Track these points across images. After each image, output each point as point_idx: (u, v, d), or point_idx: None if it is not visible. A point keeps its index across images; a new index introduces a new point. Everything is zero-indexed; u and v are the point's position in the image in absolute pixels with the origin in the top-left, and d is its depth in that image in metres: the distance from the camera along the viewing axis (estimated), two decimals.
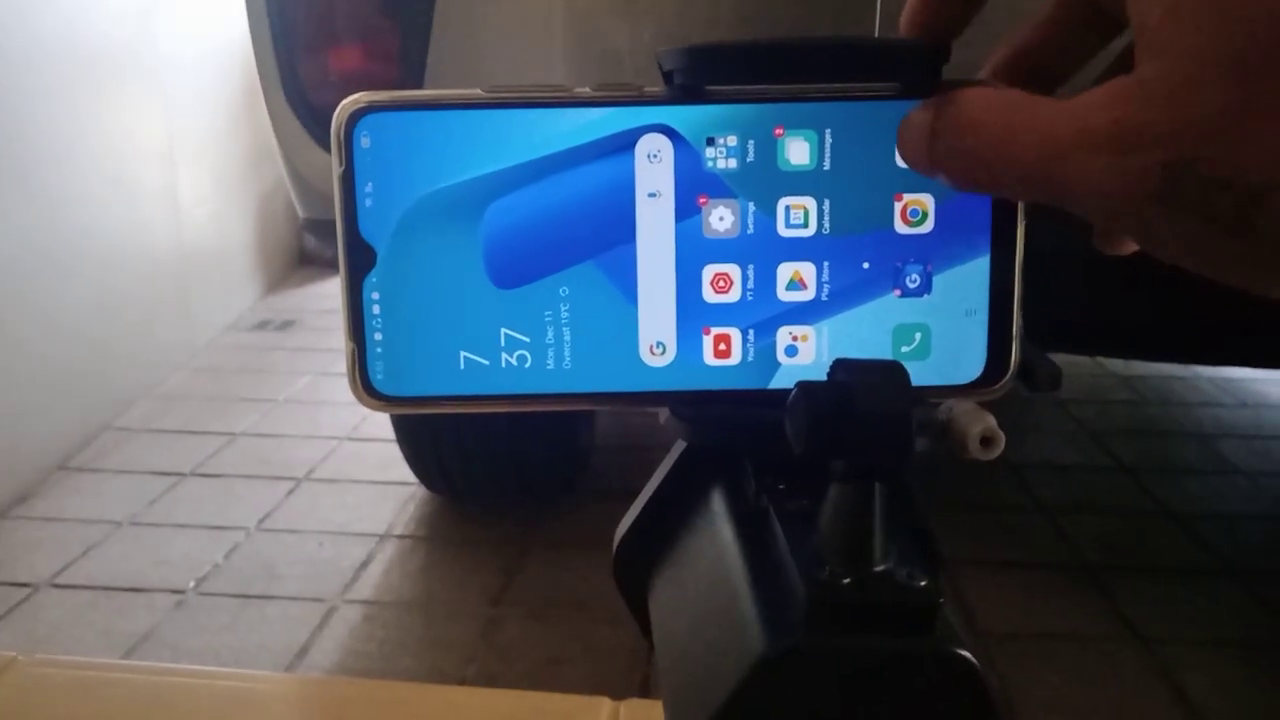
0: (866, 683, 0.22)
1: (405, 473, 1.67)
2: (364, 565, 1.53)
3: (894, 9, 0.76)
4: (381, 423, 1.79)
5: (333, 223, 0.26)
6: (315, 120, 0.92)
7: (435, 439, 1.53)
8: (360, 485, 1.79)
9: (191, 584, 1.47)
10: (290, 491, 1.76)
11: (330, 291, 2.87)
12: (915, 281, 0.26)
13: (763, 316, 0.26)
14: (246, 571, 1.50)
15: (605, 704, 0.47)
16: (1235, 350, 1.27)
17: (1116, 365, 2.52)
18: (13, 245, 1.74)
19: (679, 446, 0.29)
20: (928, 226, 0.26)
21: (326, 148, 0.95)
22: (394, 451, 1.63)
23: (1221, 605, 1.49)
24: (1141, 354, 1.62)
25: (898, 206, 0.26)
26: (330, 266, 3.00)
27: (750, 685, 0.21)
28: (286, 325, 2.74)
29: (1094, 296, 0.94)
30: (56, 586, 1.46)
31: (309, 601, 1.43)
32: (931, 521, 0.27)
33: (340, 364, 2.15)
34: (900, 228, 0.26)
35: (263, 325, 2.75)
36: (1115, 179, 0.20)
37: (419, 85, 0.87)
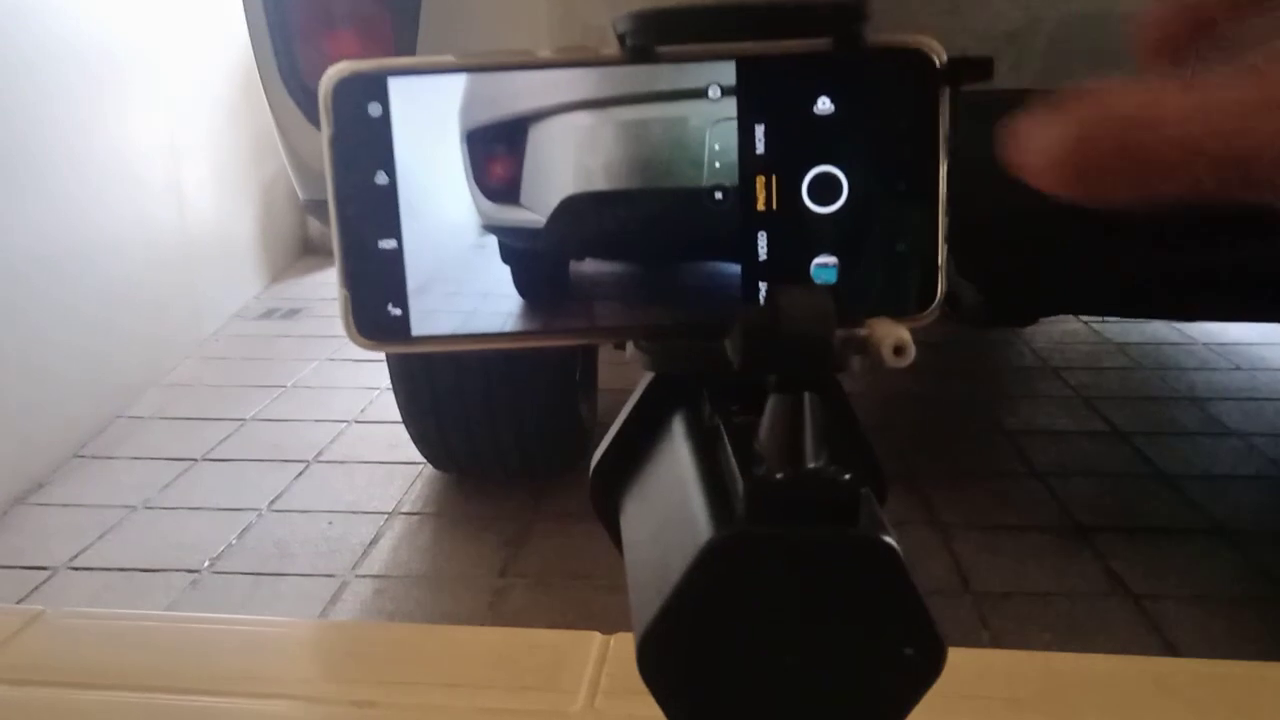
0: (800, 568, 0.25)
1: (412, 452, 1.70)
2: (373, 542, 1.57)
3: None
4: (389, 404, 1.82)
5: None
6: (312, 104, 0.94)
7: (440, 418, 1.56)
8: (368, 465, 1.82)
9: (206, 564, 1.51)
10: (300, 473, 1.80)
11: (334, 279, 2.90)
12: (842, 219, 0.29)
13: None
14: (259, 551, 1.54)
15: (596, 637, 0.50)
16: (1219, 305, 1.30)
17: (1112, 332, 2.55)
18: (25, 241, 1.78)
19: (646, 378, 0.33)
20: (846, 189, 0.29)
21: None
22: (400, 432, 1.67)
23: (1211, 563, 1.52)
24: (1131, 312, 1.64)
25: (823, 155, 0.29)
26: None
27: (697, 570, 0.24)
28: (292, 313, 2.78)
29: (1083, 255, 0.97)
30: (74, 569, 1.50)
31: (321, 578, 1.47)
32: (865, 432, 0.30)
33: (345, 349, 2.19)
34: (827, 176, 0.29)
35: (269, 313, 2.78)
36: None
37: None
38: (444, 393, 1.51)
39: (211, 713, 0.47)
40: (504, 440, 1.61)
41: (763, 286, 0.30)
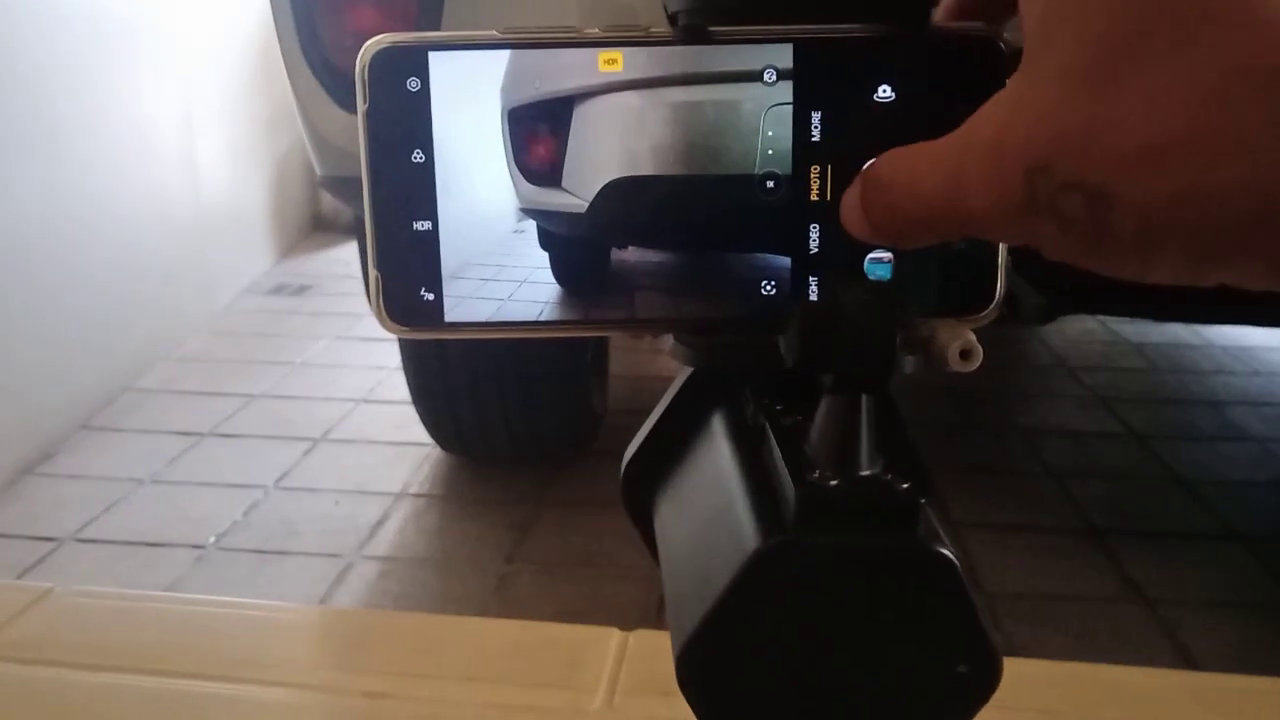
0: (853, 578, 0.23)
1: (420, 433, 1.69)
2: (380, 523, 1.56)
3: None
4: (398, 385, 1.81)
5: (348, 179, 0.28)
6: (333, 79, 0.94)
7: (451, 400, 1.55)
8: (376, 445, 1.81)
9: (212, 539, 1.50)
10: (308, 451, 1.79)
11: (345, 257, 2.89)
12: None
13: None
14: (265, 528, 1.54)
15: (615, 634, 0.49)
16: (1237, 309, 1.28)
17: (1129, 332, 2.53)
18: (37, 208, 1.77)
19: (683, 373, 0.31)
20: None
21: (344, 106, 0.97)
22: (410, 413, 1.66)
23: (1226, 569, 1.50)
24: (1147, 314, 1.62)
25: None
26: (345, 232, 3.02)
27: (744, 579, 0.23)
28: (303, 290, 2.77)
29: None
30: (81, 541, 1.50)
31: (326, 557, 1.46)
32: (914, 438, 0.28)
33: (354, 328, 2.18)
34: None
35: (279, 289, 2.77)
36: (992, 189, 0.22)
37: None
38: (454, 374, 1.50)
39: (221, 699, 0.46)
40: (514, 424, 1.60)
41: (813, 281, 0.28)
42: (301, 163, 3.12)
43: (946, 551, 0.23)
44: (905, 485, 0.23)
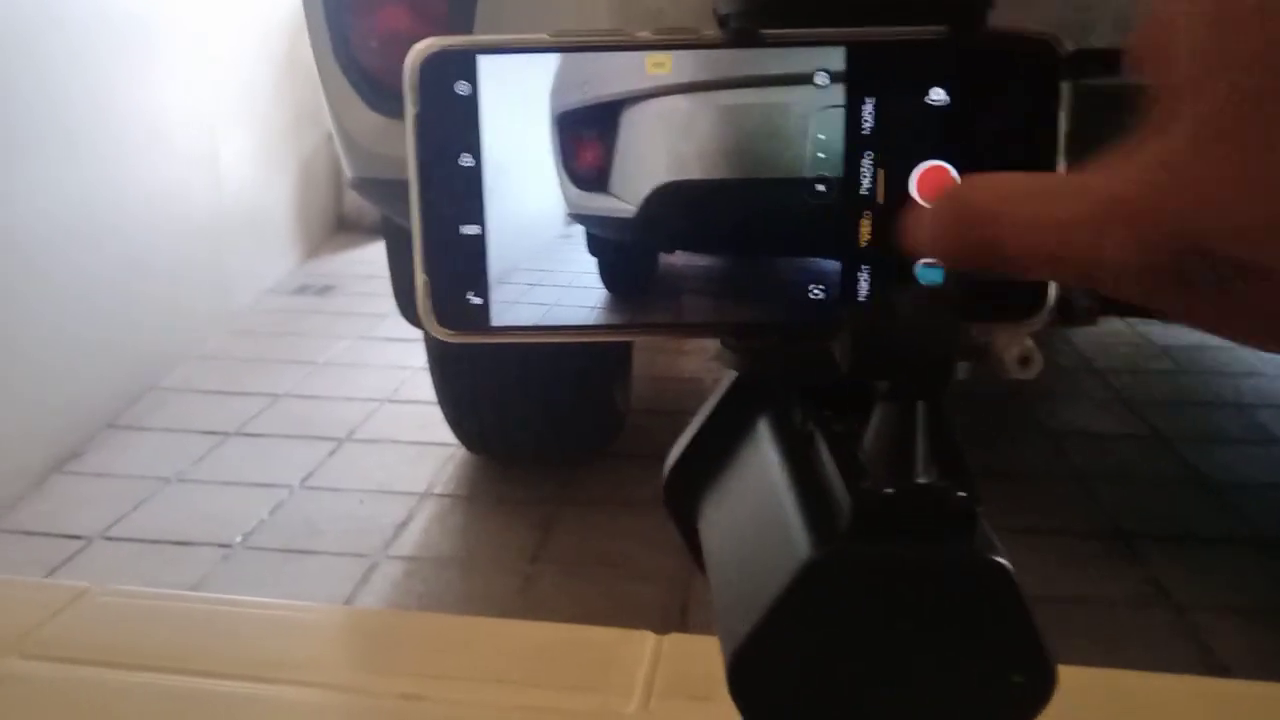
0: (908, 587, 0.23)
1: (444, 433, 1.69)
2: (404, 523, 1.56)
3: None
4: (422, 384, 1.82)
5: (378, 181, 0.28)
6: (364, 80, 0.94)
7: (475, 401, 1.56)
8: (400, 445, 1.82)
9: (238, 538, 1.51)
10: (332, 451, 1.80)
11: (369, 257, 2.90)
12: None
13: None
14: (290, 528, 1.54)
15: (650, 637, 0.49)
16: None
17: (1156, 334, 2.50)
18: (60, 208, 1.78)
19: (728, 377, 0.31)
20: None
21: (374, 107, 0.97)
22: (434, 413, 1.66)
23: (1252, 573, 1.49)
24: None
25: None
26: (370, 233, 3.03)
27: (797, 588, 0.23)
28: (326, 290, 2.78)
29: None
30: (108, 539, 1.51)
31: (351, 557, 1.47)
32: (963, 446, 0.28)
33: (378, 328, 2.19)
34: (937, 170, 0.27)
35: (302, 289, 2.79)
36: (1133, 254, 0.20)
37: None
38: (479, 374, 1.50)
39: (257, 700, 0.46)
40: (537, 424, 1.60)
41: (864, 285, 0.28)
42: (326, 164, 3.14)
43: (1003, 561, 0.23)
44: (961, 494, 0.23)
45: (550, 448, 1.65)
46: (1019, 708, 0.24)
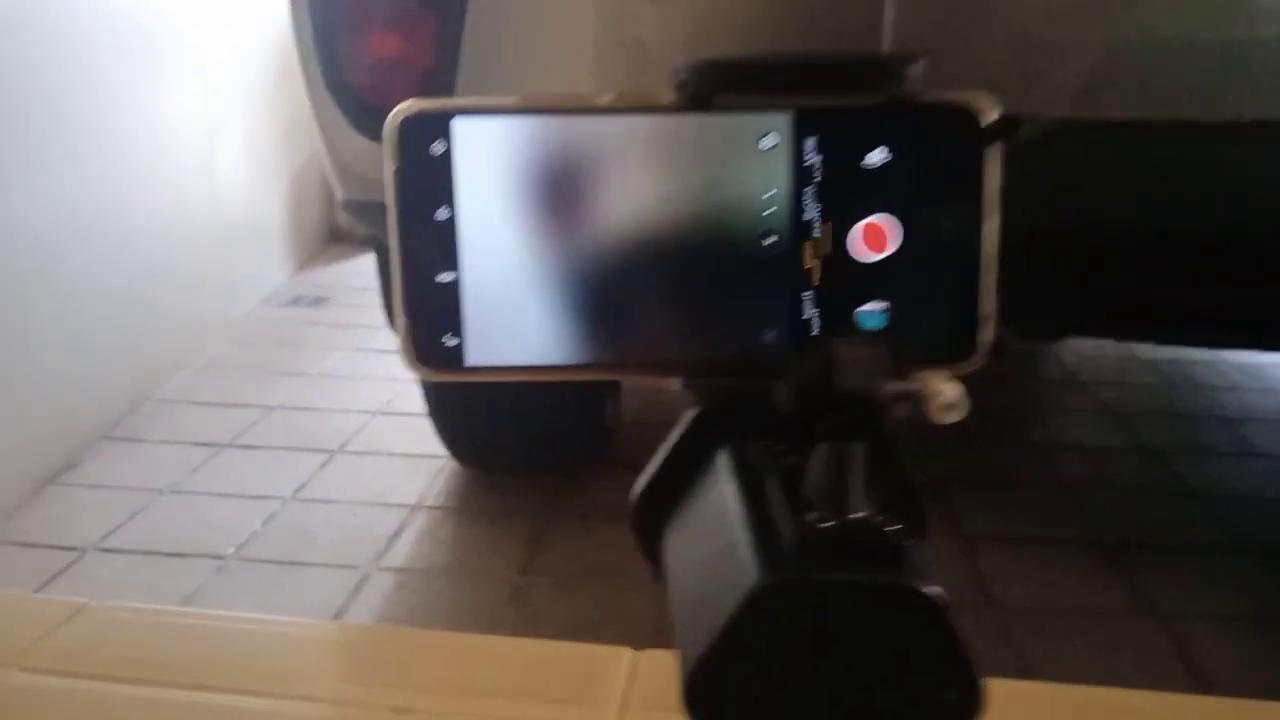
0: (845, 612, 0.25)
1: (436, 446, 1.71)
2: (396, 534, 1.58)
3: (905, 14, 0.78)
4: (413, 397, 1.84)
5: (368, 204, 0.30)
6: (354, 105, 0.96)
7: (467, 413, 1.58)
8: (393, 457, 1.84)
9: (232, 549, 1.53)
10: (325, 463, 1.81)
11: (362, 269, 2.92)
12: (891, 268, 0.30)
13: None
14: (284, 539, 1.56)
15: (626, 653, 0.51)
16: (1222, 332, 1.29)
17: (1143, 349, 2.53)
18: (60, 218, 1.80)
19: (690, 413, 0.33)
20: (896, 238, 0.30)
21: (364, 132, 0.99)
22: (425, 425, 1.68)
23: (1237, 582, 1.51)
24: (1130, 336, 1.64)
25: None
26: (362, 245, 3.05)
27: (746, 612, 0.25)
28: (319, 301, 2.80)
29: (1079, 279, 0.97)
30: (103, 550, 1.53)
31: (344, 568, 1.48)
32: (917, 478, 0.30)
33: (371, 340, 2.21)
34: (876, 226, 0.30)
35: (296, 300, 2.80)
36: None
37: (455, 66, 0.91)
38: (471, 389, 1.52)
39: (250, 713, 0.48)
40: (528, 437, 1.62)
41: (809, 331, 0.30)
42: (319, 176, 3.16)
43: (933, 589, 0.25)
44: (894, 528, 0.25)
45: (541, 461, 1.67)
46: None
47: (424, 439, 1.77)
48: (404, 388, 2.08)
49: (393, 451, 1.86)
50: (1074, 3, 0.77)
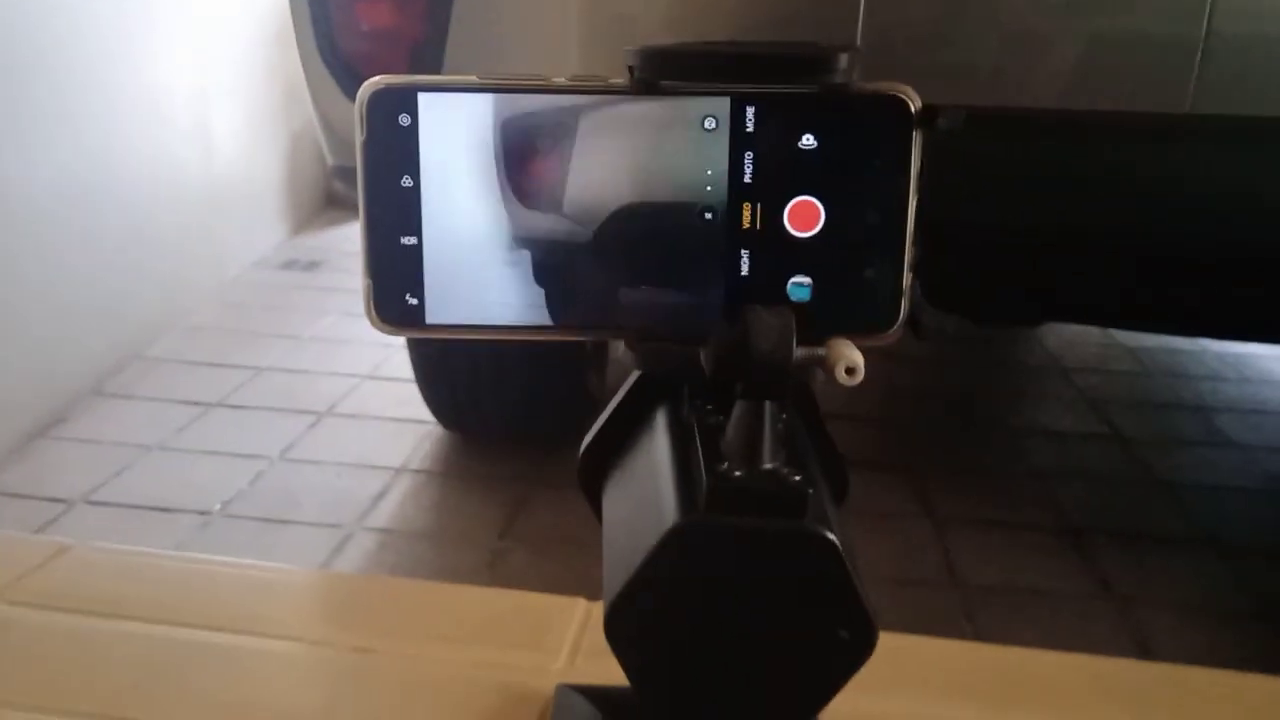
0: (750, 553, 0.28)
1: (422, 411, 1.74)
2: (380, 496, 1.61)
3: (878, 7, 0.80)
4: (401, 362, 1.86)
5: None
6: (345, 73, 0.98)
7: (451, 380, 1.60)
8: (379, 421, 1.86)
9: (217, 506, 1.55)
10: (312, 425, 1.84)
11: (355, 233, 2.93)
12: (818, 244, 0.32)
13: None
14: (269, 497, 1.59)
15: (581, 603, 0.54)
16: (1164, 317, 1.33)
17: (1124, 335, 2.56)
18: (50, 174, 1.81)
19: (633, 375, 0.36)
20: (823, 217, 0.32)
21: (354, 98, 1.01)
22: (412, 390, 1.71)
23: (1200, 573, 1.54)
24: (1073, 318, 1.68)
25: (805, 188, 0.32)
26: (355, 208, 3.06)
27: (661, 551, 0.28)
28: (313, 265, 2.81)
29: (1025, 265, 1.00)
30: (90, 504, 1.55)
31: (327, 528, 1.51)
32: (829, 436, 0.33)
33: (362, 305, 2.23)
34: (806, 205, 0.32)
35: (290, 264, 2.82)
36: None
37: (443, 38, 0.93)
38: (457, 355, 1.54)
39: (221, 649, 0.51)
40: (513, 405, 1.65)
41: (747, 298, 0.33)
42: (315, 141, 3.16)
43: (827, 534, 0.27)
44: (797, 478, 0.28)
45: (524, 427, 1.70)
46: (846, 657, 0.29)
47: (410, 404, 1.79)
48: (393, 354, 2.10)
49: (379, 415, 1.89)
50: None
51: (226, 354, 2.14)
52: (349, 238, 3.03)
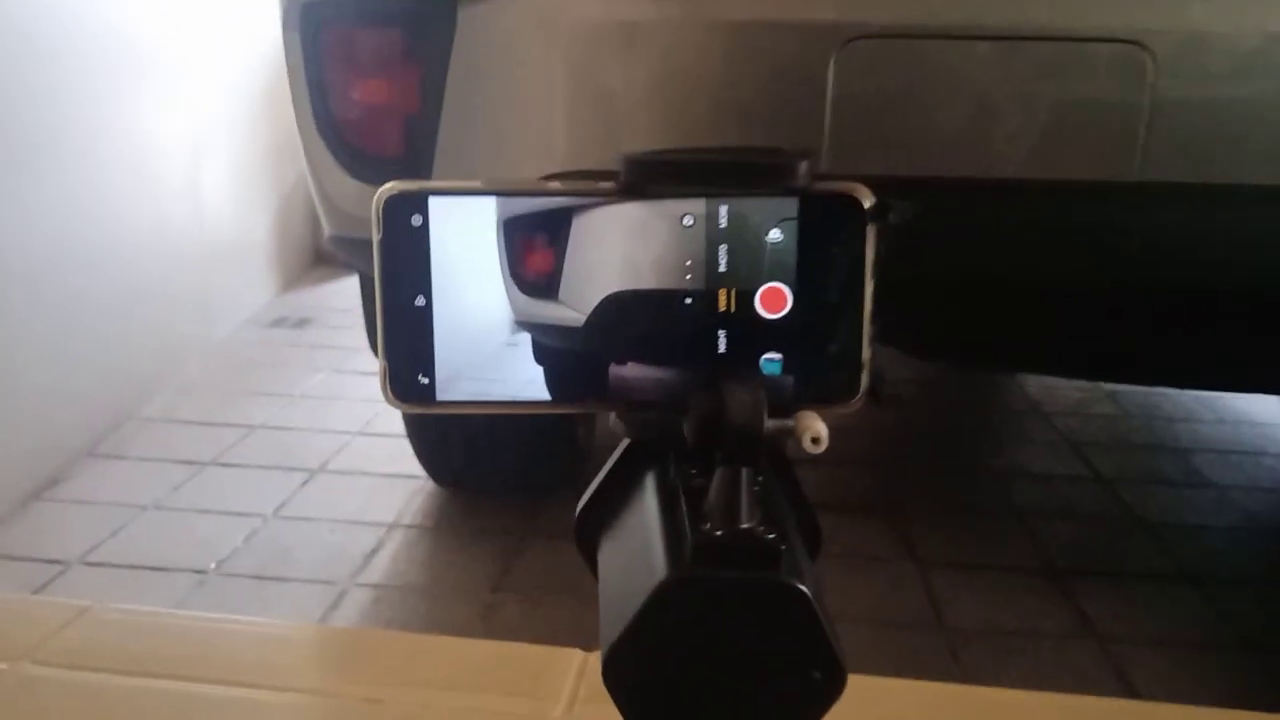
0: (731, 603, 0.32)
1: (413, 466, 1.77)
2: (373, 552, 1.63)
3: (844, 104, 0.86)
4: (392, 418, 1.89)
5: (353, 239, 0.37)
6: (344, 149, 1.02)
7: (443, 435, 1.63)
8: (371, 477, 1.89)
9: (213, 565, 1.57)
10: (305, 482, 1.86)
11: (346, 291, 2.97)
12: (787, 325, 0.37)
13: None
14: (264, 555, 1.61)
15: (577, 654, 0.57)
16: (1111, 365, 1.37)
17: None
18: (44, 233, 1.83)
19: (624, 442, 0.40)
20: (790, 301, 0.36)
21: (353, 174, 1.06)
22: (404, 446, 1.74)
23: (1178, 609, 1.58)
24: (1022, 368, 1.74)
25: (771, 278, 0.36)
26: (345, 268, 3.10)
27: (653, 602, 0.31)
28: (302, 323, 2.85)
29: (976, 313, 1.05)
30: (87, 564, 1.57)
31: (322, 584, 1.53)
32: (805, 495, 0.37)
33: (352, 361, 2.25)
34: (775, 290, 0.36)
35: (279, 322, 2.85)
36: None
37: (438, 112, 0.98)
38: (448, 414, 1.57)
39: (239, 703, 0.54)
40: (503, 459, 1.68)
41: (716, 375, 0.37)
42: (304, 197, 3.21)
43: (799, 585, 0.31)
44: (771, 536, 0.31)
45: (516, 483, 1.73)
46: (820, 696, 0.32)
47: (402, 459, 1.82)
48: (384, 409, 2.12)
49: (371, 471, 1.91)
50: (999, 70, 0.85)
51: (219, 412, 2.16)
52: (338, 294, 3.07)
